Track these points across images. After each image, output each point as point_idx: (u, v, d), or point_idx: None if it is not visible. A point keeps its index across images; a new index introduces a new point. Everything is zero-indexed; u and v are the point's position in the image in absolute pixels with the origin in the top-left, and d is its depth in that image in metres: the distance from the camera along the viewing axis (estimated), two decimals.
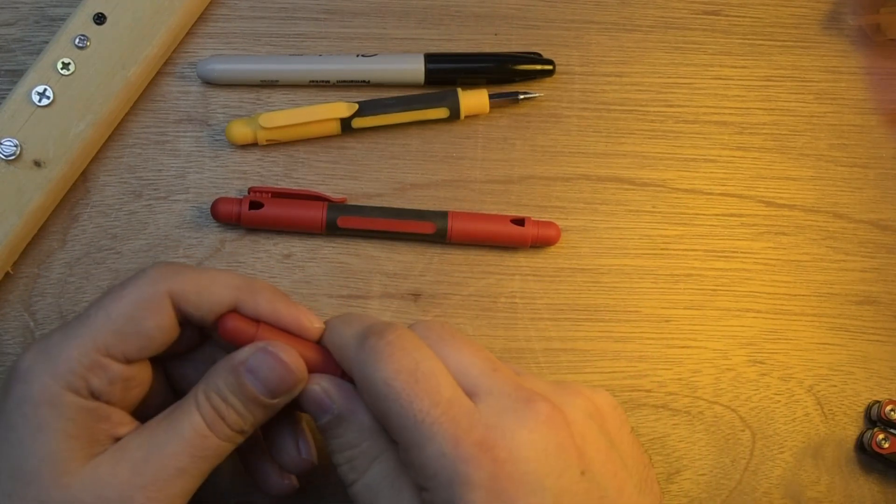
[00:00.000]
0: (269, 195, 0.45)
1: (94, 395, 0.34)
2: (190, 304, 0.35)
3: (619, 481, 0.34)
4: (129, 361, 0.35)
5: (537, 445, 0.33)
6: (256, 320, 0.36)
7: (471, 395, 0.34)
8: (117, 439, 0.35)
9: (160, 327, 0.35)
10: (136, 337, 0.35)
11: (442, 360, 0.34)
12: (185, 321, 0.36)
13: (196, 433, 0.34)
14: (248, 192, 0.45)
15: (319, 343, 0.37)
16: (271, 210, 0.45)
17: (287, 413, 0.38)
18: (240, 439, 0.36)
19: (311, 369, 0.36)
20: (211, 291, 0.36)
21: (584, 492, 0.33)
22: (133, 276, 0.36)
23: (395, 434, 0.33)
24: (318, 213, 0.45)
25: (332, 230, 0.45)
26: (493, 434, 0.32)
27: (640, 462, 0.36)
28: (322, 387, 0.36)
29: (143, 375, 0.36)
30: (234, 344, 0.36)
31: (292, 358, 0.35)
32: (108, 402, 0.35)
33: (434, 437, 0.32)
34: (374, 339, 0.34)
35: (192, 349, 0.39)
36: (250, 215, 0.44)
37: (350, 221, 0.45)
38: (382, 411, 0.33)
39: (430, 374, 0.33)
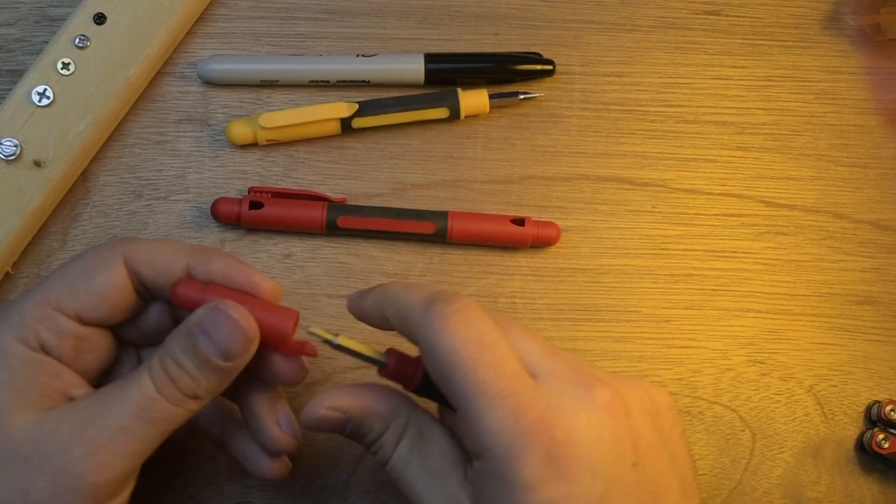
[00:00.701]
0: (269, 195, 0.45)
1: (45, 350, 0.35)
2: (143, 265, 0.36)
3: (667, 479, 0.34)
4: (82, 320, 0.35)
5: (594, 432, 0.33)
6: (208, 284, 0.36)
7: (531, 375, 0.34)
8: (71, 400, 0.35)
9: (111, 284, 0.35)
10: (86, 293, 0.35)
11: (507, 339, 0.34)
12: (145, 291, 0.37)
13: (143, 395, 0.34)
14: (248, 192, 0.45)
15: (377, 308, 0.37)
16: (271, 210, 0.45)
17: (265, 390, 0.38)
18: (194, 406, 0.35)
19: (266, 330, 0.35)
20: (164, 254, 0.36)
21: (633, 483, 0.33)
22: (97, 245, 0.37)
23: (455, 401, 0.33)
24: (318, 213, 0.45)
25: (332, 230, 0.45)
26: (553, 414, 0.33)
27: (686, 464, 0.36)
28: (330, 406, 0.36)
29: (98, 340, 0.36)
30: (187, 310, 0.35)
31: (243, 315, 0.34)
32: (58, 360, 0.35)
33: (495, 410, 0.32)
34: (442, 306, 0.34)
35: (163, 332, 0.37)
36: (250, 215, 0.44)
37: (350, 221, 0.45)
38: (446, 377, 0.33)
39: (495, 346, 0.33)
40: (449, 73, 0.47)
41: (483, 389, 0.32)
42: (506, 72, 0.47)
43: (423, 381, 0.36)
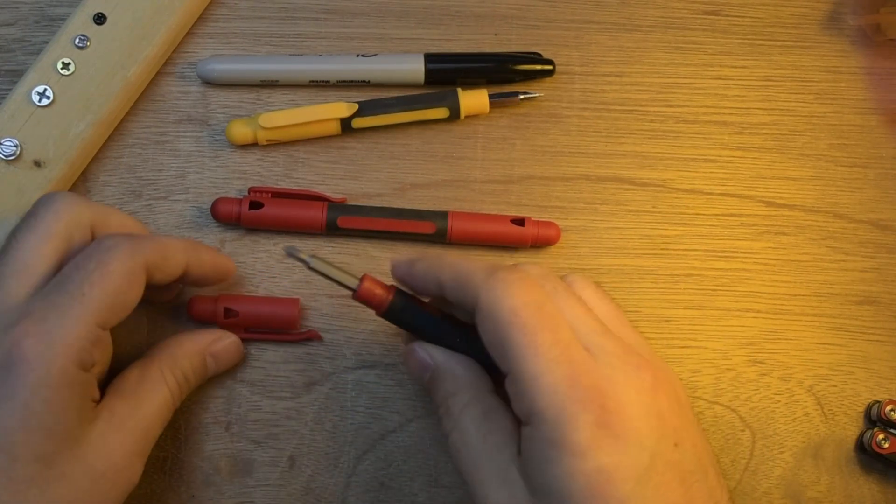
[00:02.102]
0: (269, 195, 0.45)
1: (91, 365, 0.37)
2: (158, 272, 0.39)
3: (704, 463, 0.36)
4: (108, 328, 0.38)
5: (642, 407, 0.34)
6: (217, 297, 0.44)
7: (585, 349, 0.35)
8: (94, 401, 0.37)
9: (138, 296, 0.38)
10: (123, 309, 0.37)
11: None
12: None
13: (166, 405, 0.40)
14: (248, 193, 0.45)
15: (432, 274, 0.38)
16: (271, 210, 0.45)
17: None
18: None
19: (276, 320, 0.44)
20: (174, 259, 0.39)
21: (676, 462, 0.34)
22: (105, 243, 0.37)
23: (511, 362, 0.34)
24: (318, 213, 0.45)
25: (332, 230, 0.45)
26: (606, 384, 0.34)
27: (712, 453, 0.37)
28: (423, 349, 0.39)
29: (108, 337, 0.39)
30: (198, 321, 0.44)
31: (239, 344, 0.44)
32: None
33: (551, 372, 0.33)
34: (505, 273, 0.35)
35: None
36: (250, 215, 0.44)
37: (350, 221, 0.45)
38: (503, 338, 0.34)
39: (553, 314, 0.35)
40: (449, 73, 0.47)
41: (541, 351, 0.34)
42: (506, 72, 0.47)
43: (390, 307, 0.38)
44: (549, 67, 0.47)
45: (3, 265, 0.37)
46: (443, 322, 0.39)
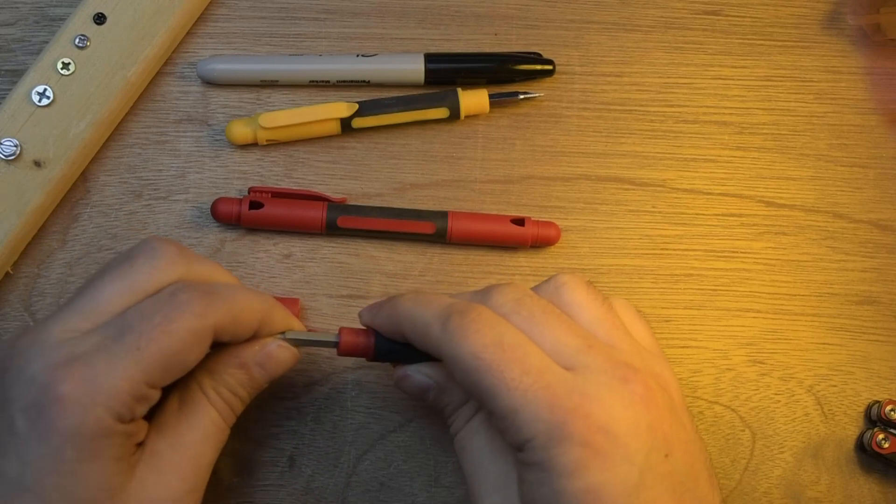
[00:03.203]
0: (269, 195, 0.45)
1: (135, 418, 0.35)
2: (226, 334, 0.36)
3: (696, 470, 0.36)
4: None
5: (630, 421, 0.34)
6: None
7: (568, 368, 0.35)
8: (137, 445, 0.35)
9: (198, 359, 0.36)
10: (178, 369, 0.35)
11: (536, 339, 0.35)
12: None
13: (216, 428, 0.37)
14: (248, 192, 0.45)
15: (394, 327, 0.38)
16: (271, 210, 0.45)
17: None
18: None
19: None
20: (245, 323, 0.37)
21: (667, 474, 0.34)
22: (178, 298, 0.35)
23: (488, 404, 0.34)
24: (318, 213, 0.45)
25: (332, 230, 0.45)
26: (589, 403, 0.34)
27: (706, 456, 0.37)
28: (418, 372, 0.39)
29: None
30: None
31: (286, 346, 0.39)
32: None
33: (528, 404, 0.33)
34: (458, 318, 0.35)
35: None
36: (250, 215, 0.44)
37: (350, 221, 0.45)
38: (474, 384, 0.34)
39: (516, 345, 0.34)
40: (449, 73, 0.47)
41: (512, 386, 0.34)
42: (506, 72, 0.47)
43: (376, 348, 0.39)
44: (549, 67, 0.47)
45: (78, 298, 0.35)
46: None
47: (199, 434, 0.36)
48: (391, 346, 0.39)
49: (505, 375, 0.34)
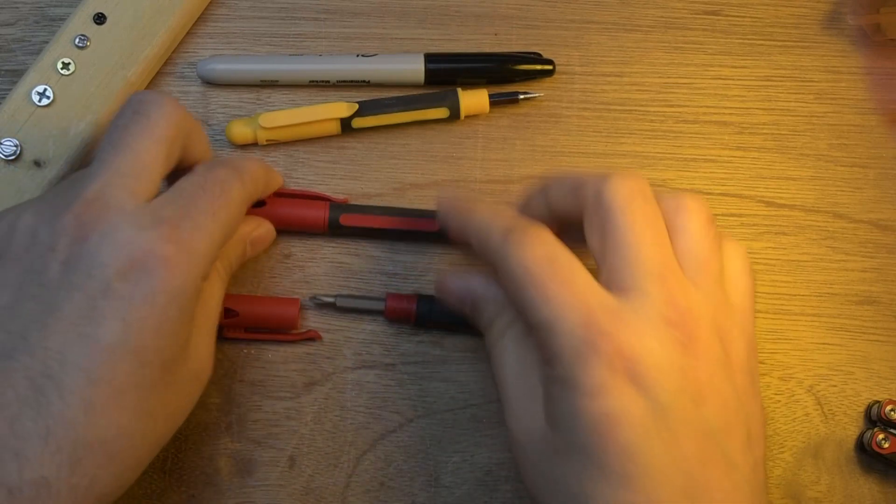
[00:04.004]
0: (272, 194, 0.45)
1: None
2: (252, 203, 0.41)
3: (731, 429, 0.35)
4: None
5: (662, 359, 0.34)
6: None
7: (625, 288, 0.35)
8: None
9: (238, 229, 0.40)
10: (229, 238, 0.38)
11: (621, 244, 0.36)
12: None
13: (222, 297, 0.40)
14: None
15: (462, 230, 0.41)
16: (273, 209, 0.44)
17: None
18: None
19: (276, 321, 0.45)
20: (261, 189, 0.42)
21: (693, 421, 0.34)
22: (222, 173, 0.38)
23: (529, 315, 0.36)
24: (320, 213, 0.45)
25: (334, 229, 0.45)
26: (625, 329, 0.34)
27: (755, 418, 0.37)
28: (459, 279, 0.42)
29: None
30: None
31: (271, 228, 0.44)
32: None
33: (565, 318, 0.34)
34: (518, 233, 0.37)
35: None
36: (253, 213, 0.44)
37: (353, 219, 0.45)
38: (519, 293, 0.36)
39: (566, 264, 0.36)
40: (449, 73, 0.47)
41: (552, 297, 0.35)
42: (506, 72, 0.47)
43: (417, 314, 0.44)
44: (549, 67, 0.47)
45: (122, 163, 0.36)
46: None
47: (215, 301, 0.39)
48: (432, 313, 0.44)
49: (548, 288, 0.35)
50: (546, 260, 0.35)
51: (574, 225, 0.38)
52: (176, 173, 0.39)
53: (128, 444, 0.34)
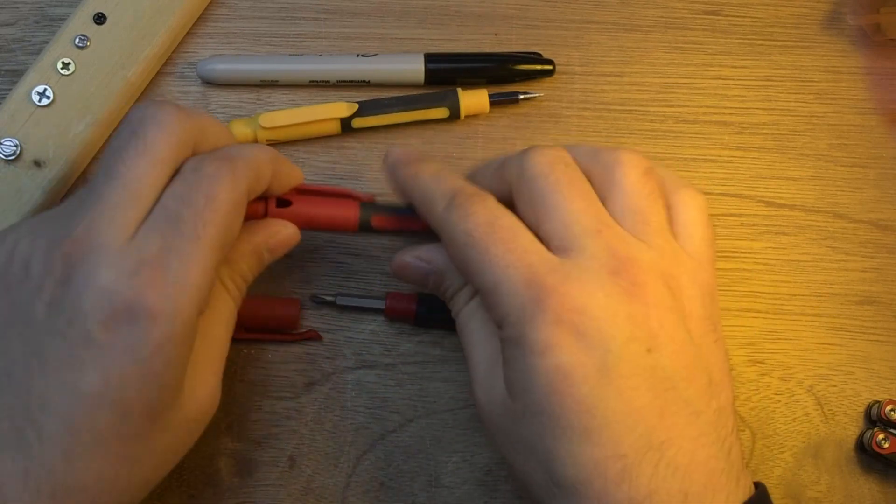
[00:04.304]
0: (295, 192, 0.41)
1: None
2: (252, 194, 0.37)
3: (689, 373, 0.35)
4: None
5: (609, 309, 0.34)
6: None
7: (564, 249, 0.35)
8: None
9: (240, 226, 0.36)
10: (230, 243, 0.36)
11: (551, 208, 0.36)
12: None
13: (232, 316, 0.38)
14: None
15: (407, 192, 0.40)
16: (300, 210, 0.40)
17: None
18: None
19: (276, 320, 0.44)
20: (264, 178, 0.38)
21: (648, 367, 0.34)
22: (205, 171, 0.34)
23: (474, 280, 0.36)
24: (351, 213, 0.41)
25: (364, 230, 0.42)
26: (569, 284, 0.34)
27: (716, 363, 0.36)
28: (417, 256, 0.41)
29: None
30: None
31: (295, 230, 0.40)
32: None
33: (508, 279, 0.34)
34: (461, 199, 0.37)
35: None
36: (278, 213, 0.40)
37: (385, 221, 0.42)
38: (463, 259, 0.36)
39: (507, 227, 0.36)
40: (449, 73, 0.47)
41: (495, 261, 0.35)
42: (506, 72, 0.47)
43: (417, 314, 0.44)
44: (549, 67, 0.47)
45: (113, 190, 0.33)
46: None
47: (222, 324, 0.37)
48: (432, 313, 0.44)
49: (490, 251, 0.35)
50: (487, 224, 0.35)
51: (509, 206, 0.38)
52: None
53: (110, 488, 0.33)
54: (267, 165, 0.38)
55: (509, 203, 0.37)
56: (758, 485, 0.36)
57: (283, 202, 0.40)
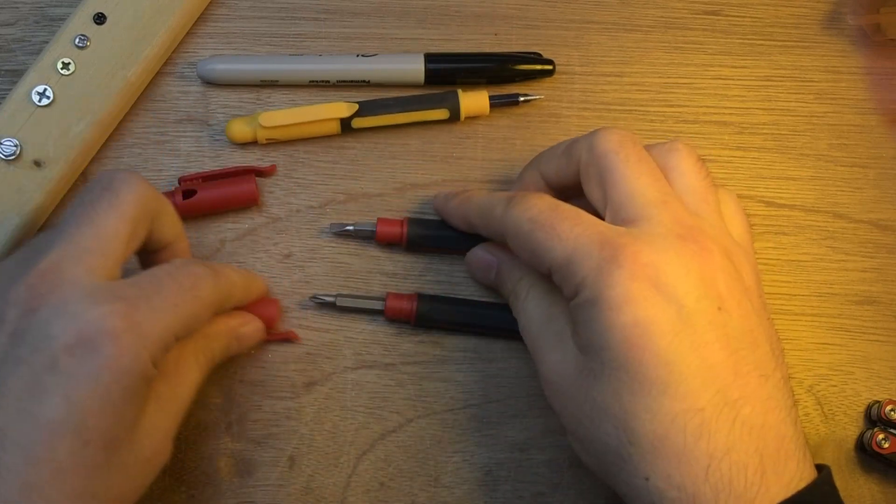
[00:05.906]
0: (200, 180, 0.45)
1: None
2: (220, 307, 0.40)
3: (756, 336, 0.36)
4: None
5: (680, 269, 0.35)
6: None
7: (632, 220, 0.36)
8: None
9: (204, 324, 0.39)
10: (192, 330, 0.37)
11: (619, 181, 0.37)
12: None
13: (196, 386, 0.39)
14: (179, 183, 0.45)
15: (463, 215, 0.43)
16: (204, 194, 0.44)
17: None
18: None
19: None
20: (234, 298, 0.41)
21: (720, 325, 0.35)
22: (195, 269, 0.38)
23: (545, 259, 0.37)
24: (249, 187, 0.45)
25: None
26: (639, 244, 0.35)
27: (775, 337, 0.37)
28: (486, 250, 0.44)
29: None
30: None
31: (263, 329, 0.43)
32: None
33: (581, 247, 0.36)
34: (519, 197, 0.39)
35: None
36: (185, 205, 0.44)
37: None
38: (531, 245, 0.37)
39: (570, 208, 0.37)
40: (449, 73, 0.47)
41: (564, 236, 0.36)
42: (506, 72, 0.47)
43: (418, 313, 0.44)
44: (549, 67, 0.47)
45: (82, 237, 0.35)
46: (477, 304, 0.45)
47: (188, 388, 0.39)
48: (432, 313, 0.44)
49: (557, 228, 0.36)
50: (550, 209, 0.37)
51: (570, 192, 0.40)
52: (150, 259, 0.40)
53: None
54: (241, 286, 0.41)
55: (573, 187, 0.40)
56: (822, 467, 0.36)
57: (189, 193, 0.44)
